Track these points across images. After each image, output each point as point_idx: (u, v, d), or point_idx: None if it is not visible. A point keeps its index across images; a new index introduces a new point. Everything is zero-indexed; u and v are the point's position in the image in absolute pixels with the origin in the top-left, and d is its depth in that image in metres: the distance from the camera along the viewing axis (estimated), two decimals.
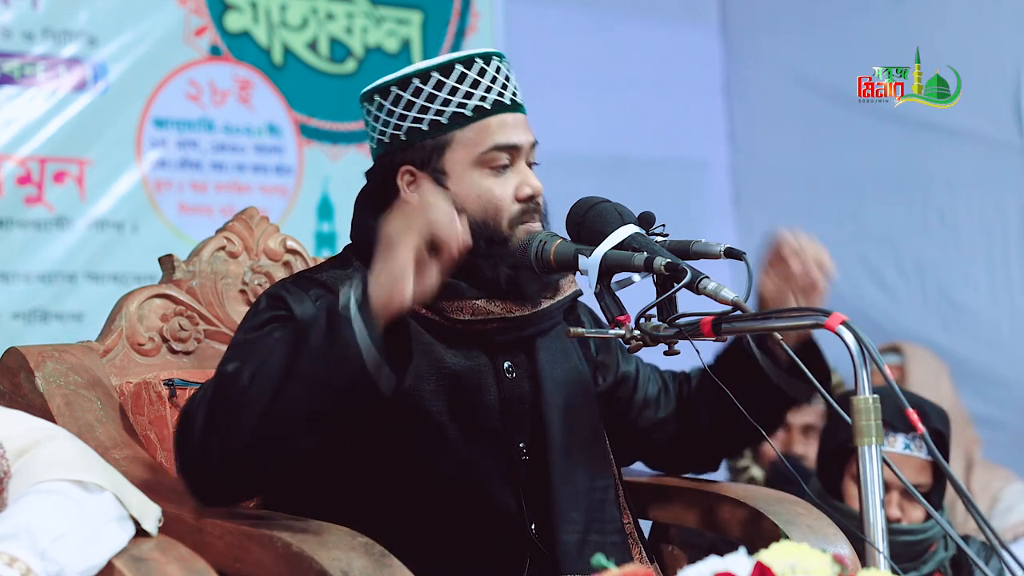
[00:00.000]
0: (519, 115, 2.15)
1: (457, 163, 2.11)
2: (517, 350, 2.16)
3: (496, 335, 2.13)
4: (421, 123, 2.11)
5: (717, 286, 1.88)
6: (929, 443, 1.69)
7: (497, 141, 2.11)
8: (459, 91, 2.11)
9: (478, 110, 2.11)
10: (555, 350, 2.20)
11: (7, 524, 1.69)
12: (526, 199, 2.12)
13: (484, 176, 2.11)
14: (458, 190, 2.10)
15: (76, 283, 3.94)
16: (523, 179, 2.12)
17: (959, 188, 4.71)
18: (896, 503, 2.91)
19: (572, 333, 2.05)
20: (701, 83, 5.41)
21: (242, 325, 2.10)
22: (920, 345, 4.28)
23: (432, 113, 2.11)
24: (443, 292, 2.07)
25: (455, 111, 2.10)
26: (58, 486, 1.76)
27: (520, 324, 2.14)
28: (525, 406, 2.13)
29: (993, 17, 4.55)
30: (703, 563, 1.47)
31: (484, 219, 2.09)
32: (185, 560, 1.77)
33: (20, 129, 3.88)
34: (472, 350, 2.12)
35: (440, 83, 2.11)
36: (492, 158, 2.11)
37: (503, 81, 2.14)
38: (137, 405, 2.24)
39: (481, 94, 2.11)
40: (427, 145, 2.11)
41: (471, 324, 2.11)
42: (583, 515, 2.11)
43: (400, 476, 2.04)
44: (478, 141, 2.10)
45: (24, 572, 1.64)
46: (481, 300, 2.10)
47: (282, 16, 4.36)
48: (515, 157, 2.13)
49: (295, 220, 4.29)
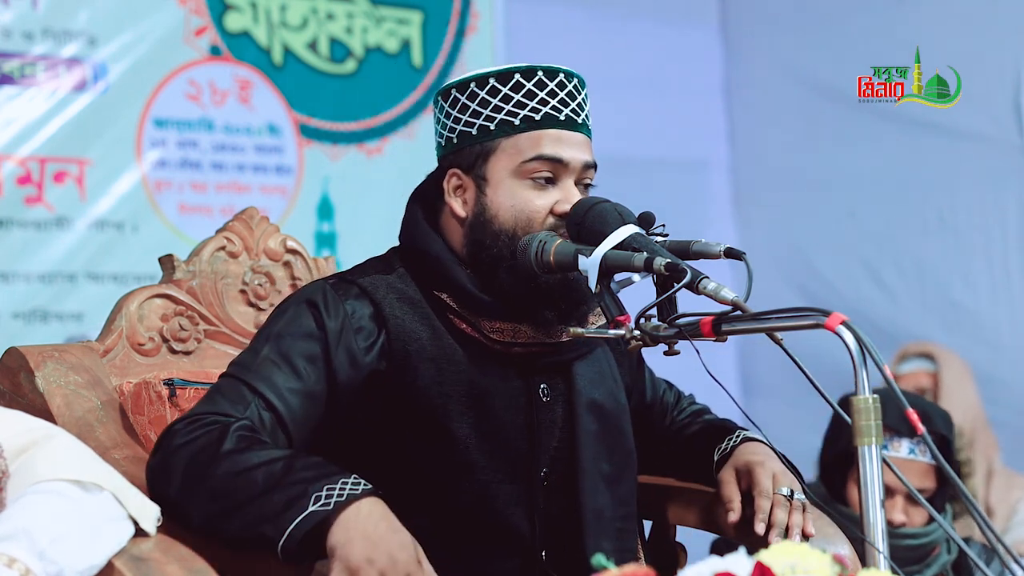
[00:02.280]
0: (575, 134, 2.10)
1: (499, 171, 2.07)
2: (554, 373, 2.13)
3: (537, 359, 2.10)
4: (472, 127, 2.08)
5: (717, 286, 1.88)
6: (930, 444, 1.69)
7: (541, 152, 2.06)
8: (512, 99, 2.07)
9: (527, 120, 2.07)
10: (592, 374, 2.16)
11: (6, 524, 1.68)
12: (563, 215, 2.06)
13: (523, 187, 2.07)
14: (494, 197, 2.07)
15: (76, 283, 3.94)
16: (566, 196, 2.07)
17: (959, 188, 4.71)
18: (901, 507, 2.91)
19: (572, 333, 2.04)
20: (701, 83, 5.41)
21: (271, 327, 2.06)
22: (948, 349, 4.25)
23: (483, 119, 2.08)
24: (485, 310, 2.07)
25: (504, 119, 2.07)
26: (57, 486, 1.76)
27: (561, 348, 2.12)
28: (555, 431, 2.10)
29: (993, 17, 4.55)
30: (703, 563, 1.47)
31: (514, 228, 2.05)
32: (185, 560, 1.77)
33: (20, 129, 3.88)
34: (508, 371, 2.09)
35: (495, 90, 2.08)
36: (534, 169, 2.06)
37: (563, 97, 2.09)
38: (137, 405, 2.24)
39: (534, 105, 2.07)
40: (475, 150, 2.08)
41: (509, 347, 2.08)
42: (611, 544, 2.09)
43: (417, 492, 2.01)
44: (522, 150, 2.06)
45: (23, 572, 1.64)
46: (524, 325, 2.07)
47: (282, 16, 4.36)
48: (560, 173, 2.07)
49: (295, 220, 4.29)
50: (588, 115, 2.14)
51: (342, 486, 1.79)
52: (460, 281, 2.07)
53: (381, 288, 2.07)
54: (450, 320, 2.08)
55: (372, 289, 2.07)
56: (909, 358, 4.13)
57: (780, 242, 5.22)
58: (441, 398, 2.03)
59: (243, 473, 1.83)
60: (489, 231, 2.07)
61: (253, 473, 1.82)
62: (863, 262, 4.97)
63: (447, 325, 2.07)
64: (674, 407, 2.37)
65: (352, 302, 2.05)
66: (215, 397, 1.98)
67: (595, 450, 2.11)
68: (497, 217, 2.06)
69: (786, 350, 1.94)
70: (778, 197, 5.28)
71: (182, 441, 1.90)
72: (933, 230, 4.79)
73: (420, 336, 2.05)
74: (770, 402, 4.89)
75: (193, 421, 1.93)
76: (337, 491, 1.78)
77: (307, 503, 1.77)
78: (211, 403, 1.97)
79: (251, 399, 1.97)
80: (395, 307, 2.06)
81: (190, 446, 1.88)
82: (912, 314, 4.79)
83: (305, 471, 1.81)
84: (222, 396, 1.98)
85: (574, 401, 2.11)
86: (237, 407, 1.96)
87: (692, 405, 2.39)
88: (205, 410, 1.95)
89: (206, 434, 1.89)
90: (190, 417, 1.94)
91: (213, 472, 1.84)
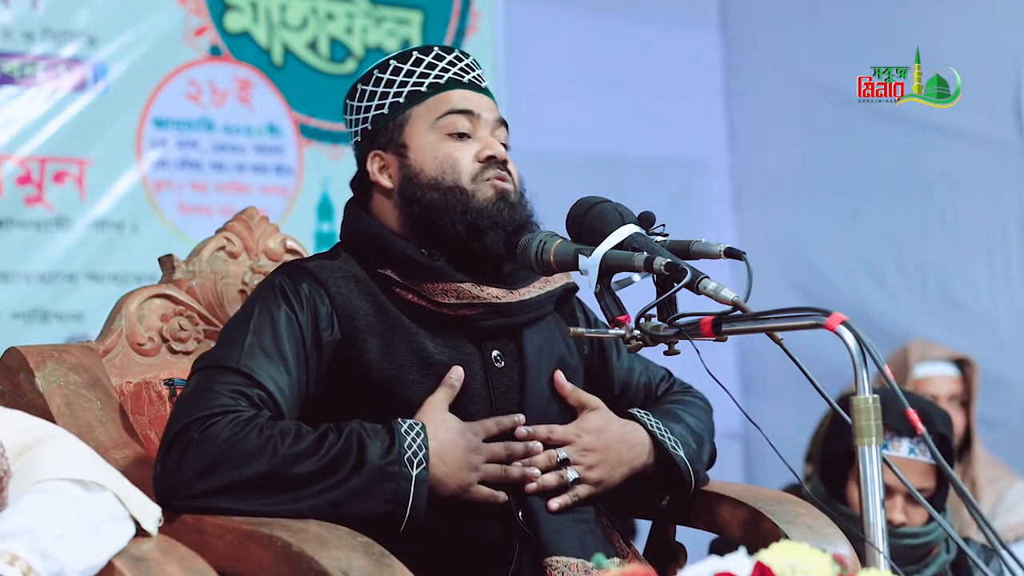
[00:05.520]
0: (482, 96, 2.22)
1: (416, 134, 2.18)
2: (506, 339, 2.16)
3: (482, 320, 2.13)
4: (383, 108, 2.20)
5: (717, 286, 1.88)
6: (930, 444, 1.69)
7: (453, 106, 2.17)
8: (415, 72, 2.20)
9: (433, 86, 2.19)
10: (543, 340, 2.20)
11: (8, 523, 1.68)
12: (487, 159, 2.16)
13: (443, 141, 2.17)
14: (416, 157, 2.17)
15: (76, 283, 3.94)
16: (486, 143, 2.18)
17: (959, 188, 4.71)
18: (900, 507, 2.92)
19: (572, 333, 2.04)
20: (701, 83, 5.41)
21: (246, 318, 2.09)
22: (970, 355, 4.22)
23: (392, 96, 2.20)
24: (428, 274, 2.10)
25: (411, 90, 2.19)
26: (59, 485, 1.76)
27: (507, 310, 2.14)
28: (514, 395, 2.13)
29: (993, 17, 4.55)
30: (703, 563, 1.46)
31: (442, 175, 2.15)
32: (185, 560, 1.77)
33: (20, 129, 3.88)
34: (458, 339, 2.13)
35: (398, 68, 2.21)
36: (449, 124, 2.17)
37: (463, 67, 2.22)
38: (137, 405, 2.24)
39: (437, 73, 2.20)
40: (390, 127, 2.20)
41: (456, 308, 2.12)
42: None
43: None
44: (435, 108, 2.18)
45: (25, 571, 1.64)
46: (467, 284, 2.11)
47: (282, 16, 4.36)
48: (476, 125, 2.19)
49: (295, 220, 4.29)
50: (489, 87, 2.27)
51: (411, 441, 1.95)
52: (400, 249, 2.14)
53: (327, 269, 2.14)
54: (395, 293, 2.13)
55: (318, 271, 2.13)
56: (933, 360, 4.10)
57: (780, 242, 5.22)
58: (394, 368, 2.07)
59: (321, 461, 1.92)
60: (418, 186, 2.15)
61: (305, 448, 1.92)
62: (863, 262, 4.97)
63: (392, 299, 2.13)
64: (658, 398, 2.37)
65: (306, 285, 2.11)
66: (215, 389, 1.98)
67: (544, 414, 2.13)
68: (423, 171, 2.16)
69: (786, 350, 1.94)
70: (778, 197, 5.28)
71: (224, 439, 1.92)
72: (934, 230, 4.78)
73: (366, 312, 2.11)
74: (770, 402, 4.89)
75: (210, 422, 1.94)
76: (416, 448, 1.95)
77: (410, 472, 1.93)
78: (214, 397, 1.97)
79: (249, 391, 1.99)
80: (340, 285, 2.12)
81: (235, 447, 1.91)
82: (912, 314, 4.78)
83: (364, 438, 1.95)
84: (221, 389, 1.98)
85: (525, 365, 2.14)
86: (239, 400, 1.97)
87: (673, 394, 2.37)
88: (215, 406, 1.96)
89: (242, 431, 1.92)
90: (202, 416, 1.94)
91: (284, 470, 1.91)
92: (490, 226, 2.12)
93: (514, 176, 2.20)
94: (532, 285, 2.19)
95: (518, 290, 2.16)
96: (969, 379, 4.07)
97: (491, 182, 2.15)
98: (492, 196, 2.14)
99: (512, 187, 2.18)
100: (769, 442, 2.12)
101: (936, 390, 4.01)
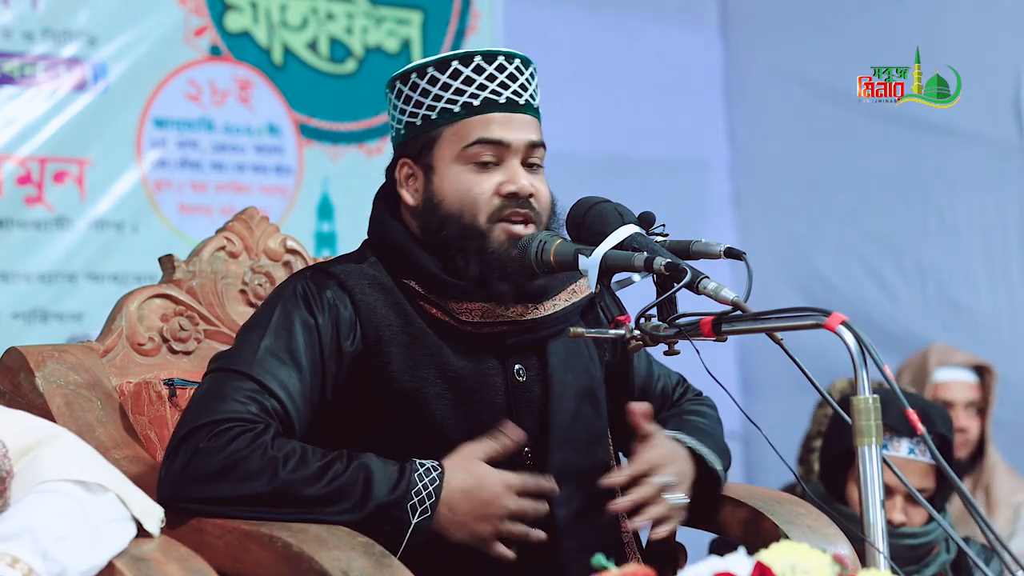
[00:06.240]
0: (518, 115, 2.11)
1: (443, 158, 2.11)
2: (530, 353, 2.14)
3: (506, 338, 2.11)
4: (416, 117, 2.13)
5: (717, 286, 1.88)
6: (930, 444, 1.69)
7: (481, 136, 2.09)
8: (451, 87, 2.10)
9: (467, 107, 2.09)
10: (567, 353, 2.17)
11: (9, 524, 1.69)
12: (507, 195, 2.08)
13: (466, 171, 2.09)
14: (440, 184, 2.10)
15: (76, 283, 3.94)
16: (510, 176, 2.09)
17: (959, 188, 4.71)
18: (900, 507, 2.92)
19: (572, 333, 2.04)
20: (701, 83, 5.40)
21: (264, 320, 2.07)
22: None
23: (425, 108, 2.11)
24: (451, 292, 2.08)
25: (444, 107, 2.10)
26: (61, 486, 1.76)
27: (531, 327, 2.12)
28: (534, 410, 2.11)
29: (993, 17, 4.55)
30: (703, 563, 1.47)
31: (460, 212, 2.08)
32: (185, 560, 1.77)
33: (20, 129, 3.88)
34: (482, 354, 2.10)
35: (434, 79, 2.11)
36: (475, 153, 2.09)
37: (503, 80, 2.11)
38: (137, 405, 2.24)
39: (473, 91, 2.09)
40: (420, 140, 2.12)
41: (480, 327, 2.10)
42: (592, 531, 2.10)
43: None
44: (463, 136, 2.09)
45: (26, 572, 1.64)
46: (491, 303, 2.09)
47: (282, 16, 4.36)
48: (503, 155, 2.10)
49: (295, 220, 4.29)
50: (534, 95, 2.16)
51: (422, 487, 1.92)
52: (425, 265, 2.10)
53: (354, 276, 2.10)
54: (420, 306, 2.10)
55: (345, 277, 2.10)
56: (953, 366, 4.09)
57: (780, 242, 5.22)
58: (415, 382, 2.06)
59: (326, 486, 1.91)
60: (437, 217, 2.10)
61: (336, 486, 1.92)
62: (863, 262, 4.96)
63: (418, 310, 2.10)
64: (674, 403, 2.36)
65: (330, 292, 2.08)
66: (226, 395, 1.98)
67: (568, 428, 2.12)
68: (444, 202, 2.09)
69: (786, 350, 1.94)
70: (778, 197, 5.28)
71: (229, 453, 1.92)
72: (933, 230, 4.78)
73: (391, 322, 2.08)
74: (770, 402, 4.88)
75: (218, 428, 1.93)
76: (424, 495, 1.92)
77: (409, 518, 1.91)
78: (225, 403, 1.97)
79: (261, 398, 1.98)
80: (367, 294, 2.09)
81: (238, 465, 1.91)
82: (912, 314, 4.78)
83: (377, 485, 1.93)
84: (233, 395, 1.98)
85: (549, 379, 2.12)
86: (250, 407, 1.97)
87: (689, 402, 2.36)
88: (226, 412, 1.95)
89: (247, 447, 1.92)
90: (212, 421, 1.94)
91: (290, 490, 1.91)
92: (499, 278, 2.07)
93: (540, 206, 2.12)
94: (558, 298, 2.16)
95: (543, 304, 2.13)
96: (987, 387, 4.06)
97: (506, 225, 2.08)
98: (504, 241, 2.07)
99: (534, 226, 2.10)
100: (769, 442, 2.12)
101: (954, 396, 3.99)
